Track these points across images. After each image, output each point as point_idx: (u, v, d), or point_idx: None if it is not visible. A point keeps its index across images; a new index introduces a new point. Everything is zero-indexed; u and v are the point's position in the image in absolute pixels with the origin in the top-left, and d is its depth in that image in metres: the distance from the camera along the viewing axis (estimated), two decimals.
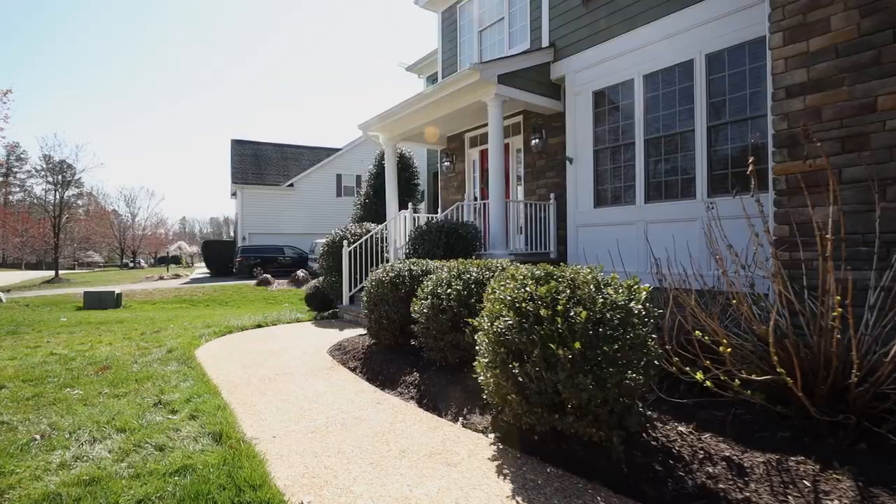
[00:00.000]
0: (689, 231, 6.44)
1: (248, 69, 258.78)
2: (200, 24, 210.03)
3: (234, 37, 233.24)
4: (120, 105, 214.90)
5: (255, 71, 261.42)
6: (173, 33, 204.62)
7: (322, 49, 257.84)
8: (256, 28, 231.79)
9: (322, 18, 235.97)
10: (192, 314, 11.56)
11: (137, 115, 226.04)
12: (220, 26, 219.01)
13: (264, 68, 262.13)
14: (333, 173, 29.69)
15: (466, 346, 3.81)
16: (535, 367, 2.33)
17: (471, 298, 3.88)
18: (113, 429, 3.10)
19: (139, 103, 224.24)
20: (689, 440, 2.51)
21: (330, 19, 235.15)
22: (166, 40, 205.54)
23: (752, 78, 5.95)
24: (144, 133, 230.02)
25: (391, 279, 4.95)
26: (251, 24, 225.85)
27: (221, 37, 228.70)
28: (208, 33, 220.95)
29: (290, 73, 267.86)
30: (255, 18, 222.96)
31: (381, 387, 4.19)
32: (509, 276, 2.94)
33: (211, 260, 25.72)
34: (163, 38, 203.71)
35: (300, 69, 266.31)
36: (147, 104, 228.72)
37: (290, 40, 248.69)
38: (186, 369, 4.78)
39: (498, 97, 7.57)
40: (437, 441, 2.90)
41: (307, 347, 6.01)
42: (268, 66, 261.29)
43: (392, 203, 10.58)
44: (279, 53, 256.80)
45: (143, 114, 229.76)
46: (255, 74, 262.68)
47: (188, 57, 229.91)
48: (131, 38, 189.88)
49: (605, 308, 2.34)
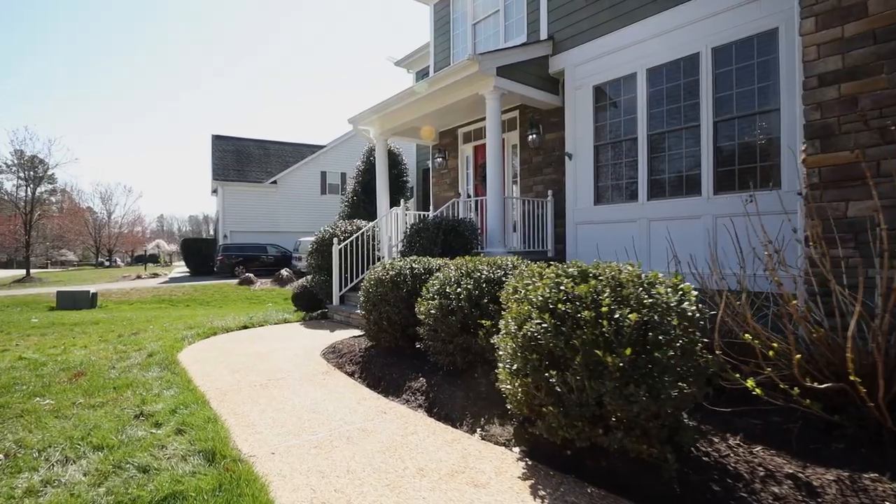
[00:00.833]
0: (693, 229, 6.28)
1: (229, 66, 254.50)
2: (185, 20, 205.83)
3: (216, 33, 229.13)
4: (98, 101, 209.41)
5: (234, 67, 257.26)
6: (159, 29, 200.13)
7: (308, 44, 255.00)
8: (238, 24, 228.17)
9: (308, 12, 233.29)
10: (172, 315, 11.07)
11: (116, 112, 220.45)
12: (204, 22, 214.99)
13: (245, 65, 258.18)
14: (317, 171, 29.12)
15: (478, 350, 3.55)
16: (576, 375, 2.07)
17: (482, 298, 3.61)
18: (89, 446, 2.75)
19: (118, 99, 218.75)
20: (741, 454, 2.27)
21: (317, 14, 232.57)
22: (148, 36, 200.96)
23: (760, 72, 5.79)
24: (122, 129, 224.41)
25: (391, 278, 4.65)
26: (232, 19, 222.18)
27: (204, 33, 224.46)
28: (192, 29, 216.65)
29: (273, 69, 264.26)
30: (239, 14, 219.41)
31: (385, 394, 3.89)
32: (534, 274, 2.67)
33: (191, 258, 25.00)
34: (145, 34, 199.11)
35: (283, 65, 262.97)
36: (126, 100, 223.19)
37: (273, 36, 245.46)
38: (170, 375, 4.40)
39: (496, 90, 7.30)
40: (457, 457, 2.62)
41: (298, 350, 5.67)
42: (249, 63, 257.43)
43: (383, 199, 10.25)
44: (262, 49, 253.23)
45: (122, 110, 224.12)
46: (235, 71, 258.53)
47: (169, 53, 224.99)
48: (119, 35, 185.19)
49: (656, 310, 2.09)
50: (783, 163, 5.60)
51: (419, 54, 14.26)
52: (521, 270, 2.79)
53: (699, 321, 2.17)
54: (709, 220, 6.16)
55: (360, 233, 8.89)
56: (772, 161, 5.74)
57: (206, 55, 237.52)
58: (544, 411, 2.21)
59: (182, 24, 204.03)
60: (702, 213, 6.22)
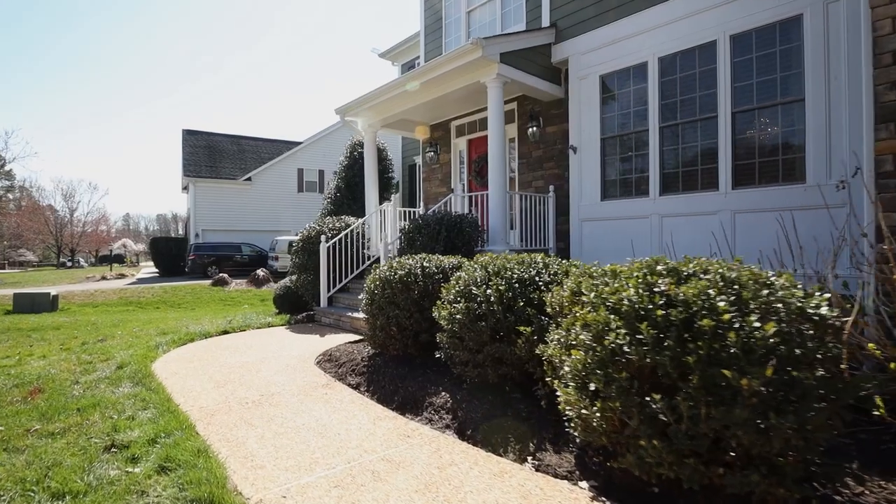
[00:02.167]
0: (709, 224, 5.97)
1: (202, 60, 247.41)
2: (154, 11, 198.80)
3: (189, 25, 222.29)
4: (63, 96, 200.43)
5: (206, 61, 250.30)
6: (120, 19, 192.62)
7: (286, 36, 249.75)
8: (212, 17, 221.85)
9: (285, 2, 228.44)
10: (141, 318, 10.26)
11: (80, 106, 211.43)
12: (178, 12, 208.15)
13: (217, 59, 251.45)
14: (294, 167, 28.19)
15: (513, 361, 3.08)
16: (689, 401, 1.63)
17: (517, 301, 3.14)
18: (47, 494, 2.16)
19: (82, 94, 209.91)
20: (875, 490, 1.87)
21: (294, 3, 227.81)
22: (114, 27, 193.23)
23: (783, 61, 5.50)
24: (87, 125, 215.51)
25: (401, 278, 4.13)
26: (206, 8, 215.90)
27: (175, 25, 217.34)
28: (163, 20, 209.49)
29: (248, 63, 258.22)
30: (213, 6, 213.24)
31: (401, 411, 3.39)
32: (606, 272, 2.22)
33: (160, 258, 23.82)
34: (110, 25, 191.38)
35: (259, 58, 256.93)
36: (90, 95, 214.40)
37: (249, 28, 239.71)
38: (145, 392, 3.79)
39: (499, 78, 6.86)
40: (516, 496, 2.14)
41: (289, 359, 5.10)
42: (222, 58, 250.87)
43: (371, 195, 9.71)
44: (236, 42, 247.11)
45: (85, 105, 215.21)
46: (207, 65, 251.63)
47: (139, 45, 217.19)
48: (72, 26, 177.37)
49: (791, 318, 1.67)
50: (808, 155, 5.32)
51: (405, 45, 13.74)
52: (584, 269, 2.33)
53: (841, 330, 1.76)
54: (726, 216, 5.86)
55: (350, 230, 8.33)
56: (795, 154, 5.45)
57: (177, 48, 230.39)
58: (642, 444, 1.75)
59: (151, 17, 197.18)
60: (719, 208, 5.91)
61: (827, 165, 5.22)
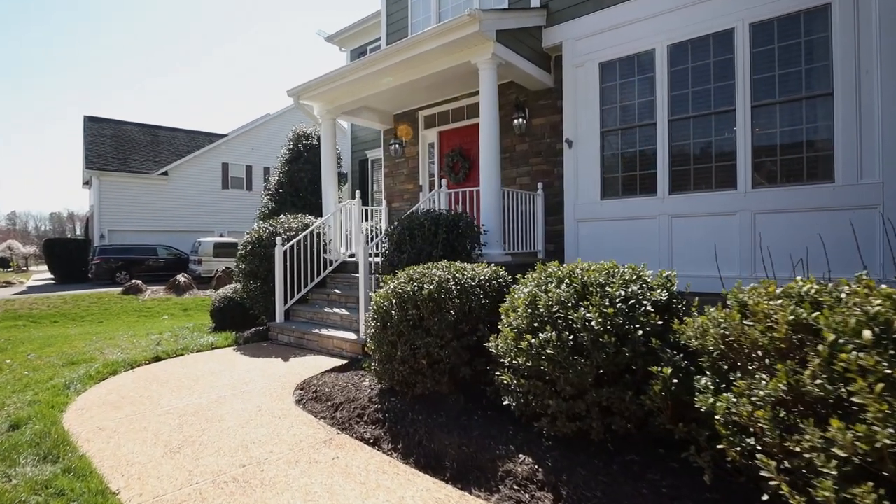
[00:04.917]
0: (727, 225, 5.52)
1: (109, 37, 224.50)
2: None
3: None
4: None
5: (113, 38, 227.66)
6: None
7: (216, 16, 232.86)
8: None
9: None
10: (36, 337, 8.25)
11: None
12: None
13: (121, 36, 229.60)
14: (218, 162, 25.67)
15: (635, 413, 2.22)
16: None
17: (634, 331, 2.29)
18: None
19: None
20: None
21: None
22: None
23: (808, 52, 5.13)
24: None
25: (430, 294, 3.12)
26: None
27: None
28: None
29: (165, 43, 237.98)
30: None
31: (461, 485, 2.41)
32: (855, 292, 1.42)
33: (56, 263, 20.55)
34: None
35: (173, 34, 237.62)
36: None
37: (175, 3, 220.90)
38: (62, 477, 2.49)
39: (494, 59, 6.01)
40: None
41: (257, 396, 3.91)
42: (125, 35, 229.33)
43: (330, 191, 8.49)
44: (143, 17, 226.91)
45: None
46: (113, 43, 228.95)
47: (34, 21, 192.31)
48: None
49: None
50: (837, 153, 4.97)
51: (356, 28, 12.54)
52: (806, 286, 1.52)
53: None
54: (746, 217, 5.41)
55: (309, 231, 7.12)
56: (822, 151, 5.10)
57: (78, 24, 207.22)
58: None
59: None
60: (738, 208, 5.46)
61: (857, 164, 4.89)
